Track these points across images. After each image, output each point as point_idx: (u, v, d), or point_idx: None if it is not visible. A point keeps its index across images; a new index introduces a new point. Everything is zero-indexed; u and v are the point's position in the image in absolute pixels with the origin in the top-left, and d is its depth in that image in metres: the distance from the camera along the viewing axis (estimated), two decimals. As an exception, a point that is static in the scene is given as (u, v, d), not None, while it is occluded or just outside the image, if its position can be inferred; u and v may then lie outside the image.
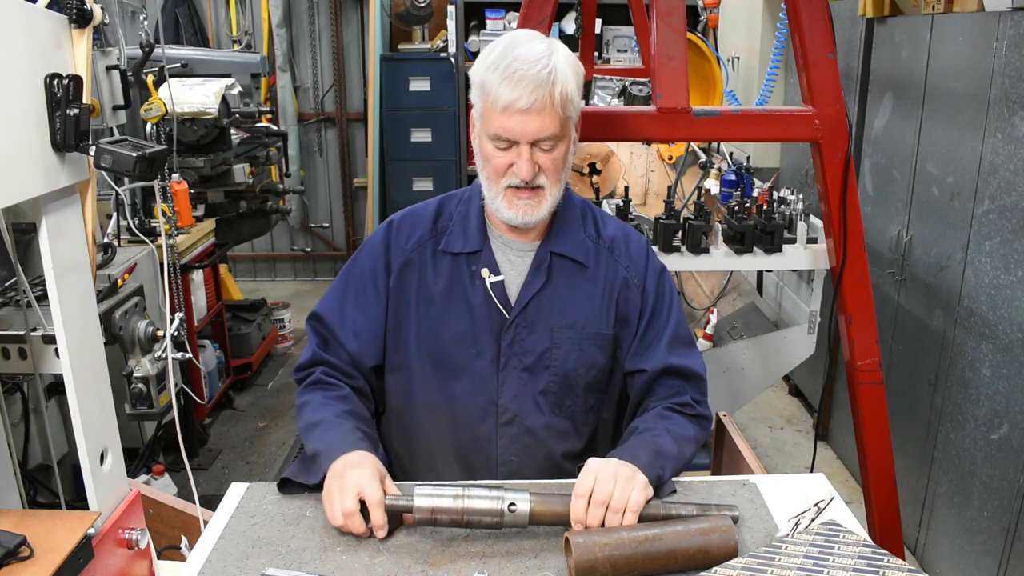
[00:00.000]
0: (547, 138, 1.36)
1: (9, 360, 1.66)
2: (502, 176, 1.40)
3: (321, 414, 1.42)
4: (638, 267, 1.53)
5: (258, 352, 4.41)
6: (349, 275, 1.55)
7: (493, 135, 1.37)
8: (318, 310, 1.55)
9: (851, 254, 2.05)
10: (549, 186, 1.40)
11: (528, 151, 1.36)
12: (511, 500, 1.21)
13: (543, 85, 1.32)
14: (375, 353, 1.53)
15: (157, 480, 2.94)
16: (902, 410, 2.94)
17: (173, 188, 2.94)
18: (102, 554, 1.39)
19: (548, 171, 1.39)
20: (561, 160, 1.40)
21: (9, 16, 1.17)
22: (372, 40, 5.48)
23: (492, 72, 1.34)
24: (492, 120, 1.36)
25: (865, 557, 1.13)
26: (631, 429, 1.45)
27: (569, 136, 1.41)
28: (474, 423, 1.49)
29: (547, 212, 1.43)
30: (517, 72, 1.32)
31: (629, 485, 1.23)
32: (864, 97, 3.29)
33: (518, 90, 1.31)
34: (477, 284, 1.47)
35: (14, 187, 1.20)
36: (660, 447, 1.36)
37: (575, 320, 1.48)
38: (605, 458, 1.29)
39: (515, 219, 1.42)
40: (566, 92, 1.34)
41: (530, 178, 1.37)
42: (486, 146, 1.40)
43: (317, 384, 1.49)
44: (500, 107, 1.33)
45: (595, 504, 1.21)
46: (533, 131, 1.34)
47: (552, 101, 1.33)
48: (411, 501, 1.21)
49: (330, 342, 1.53)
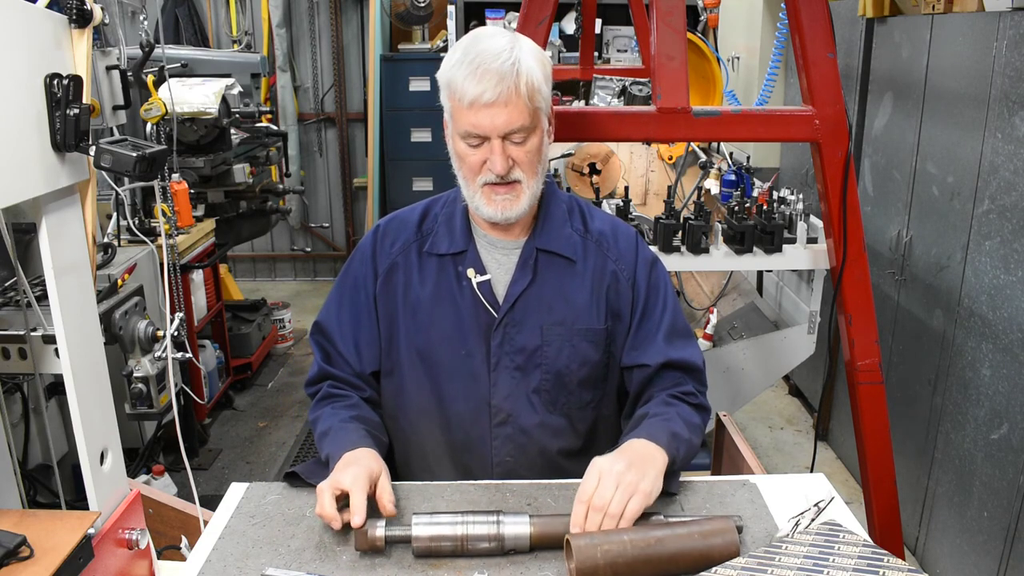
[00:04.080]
0: (517, 130, 1.35)
1: (9, 360, 1.65)
2: (477, 174, 1.39)
3: (329, 423, 1.43)
4: (627, 260, 1.52)
5: (258, 352, 4.41)
6: (343, 285, 1.56)
7: (463, 133, 1.37)
8: (320, 322, 1.56)
9: (851, 254, 2.05)
10: (526, 179, 1.40)
11: (500, 145, 1.35)
12: (511, 536, 1.20)
13: (507, 77, 1.31)
14: (374, 360, 1.54)
15: (157, 480, 2.94)
16: (902, 410, 2.94)
17: (173, 188, 2.94)
18: (102, 554, 1.39)
19: (523, 164, 1.39)
20: (535, 152, 1.39)
21: (9, 16, 1.17)
22: (372, 40, 5.48)
23: (456, 69, 1.34)
24: (461, 118, 1.36)
25: (865, 557, 1.13)
26: (640, 415, 1.45)
27: (541, 128, 1.40)
28: (467, 424, 1.49)
29: (527, 206, 1.42)
30: (480, 67, 1.31)
31: (627, 492, 1.22)
32: (864, 97, 3.29)
33: (483, 84, 1.31)
34: (464, 285, 1.47)
35: (14, 187, 1.20)
36: (674, 430, 1.37)
37: (564, 316, 1.47)
38: (615, 453, 1.28)
39: (495, 215, 1.41)
40: (532, 83, 1.34)
41: (504, 172, 1.37)
42: (459, 145, 1.40)
43: (326, 398, 1.51)
44: (467, 103, 1.33)
45: (593, 510, 1.21)
46: (502, 124, 1.34)
47: (518, 92, 1.32)
48: (409, 531, 1.20)
49: (332, 355, 1.54)
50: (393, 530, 1.20)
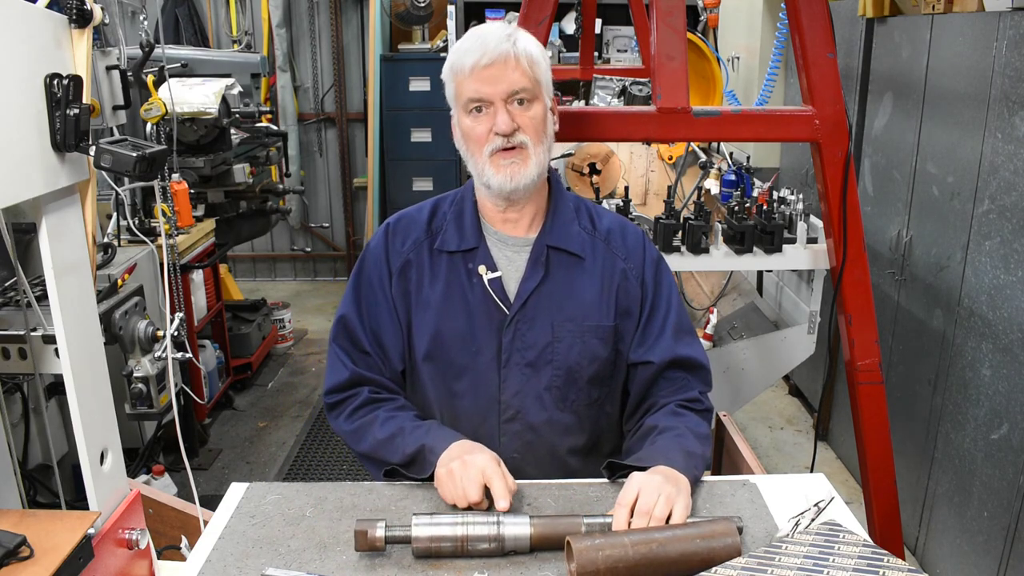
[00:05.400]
0: (519, 91, 1.38)
1: (9, 360, 1.65)
2: (484, 143, 1.41)
3: (399, 423, 1.44)
4: (635, 258, 1.53)
5: (258, 352, 4.41)
6: (359, 287, 1.55)
7: (467, 102, 1.40)
8: (343, 326, 1.54)
9: (851, 254, 2.05)
10: (532, 144, 1.41)
11: (503, 106, 1.38)
12: (511, 537, 1.20)
13: (504, 44, 1.37)
14: (400, 359, 1.54)
15: (157, 480, 2.94)
16: (902, 410, 2.94)
17: (173, 188, 2.94)
18: (102, 554, 1.39)
19: (527, 128, 1.40)
20: (540, 120, 1.41)
21: (9, 16, 1.17)
22: (372, 40, 5.48)
23: (457, 53, 1.40)
24: (464, 88, 1.39)
25: (865, 557, 1.13)
26: (648, 428, 1.45)
27: (543, 101, 1.42)
28: (476, 421, 1.50)
29: (535, 173, 1.42)
30: (479, 41, 1.38)
31: (669, 501, 1.23)
32: (864, 97, 3.29)
33: (482, 51, 1.36)
34: (475, 282, 1.48)
35: (14, 187, 1.19)
36: (688, 448, 1.38)
37: (575, 313, 1.48)
38: (648, 471, 1.29)
39: (504, 183, 1.41)
40: (530, 55, 1.39)
41: (509, 130, 1.38)
42: (464, 122, 1.42)
43: (371, 403, 1.49)
44: (468, 71, 1.37)
45: (638, 514, 1.21)
46: (504, 86, 1.37)
47: (517, 57, 1.37)
48: (409, 532, 1.20)
49: (360, 359, 1.52)
50: (393, 530, 1.20)
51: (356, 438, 1.48)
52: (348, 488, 1.40)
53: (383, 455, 1.43)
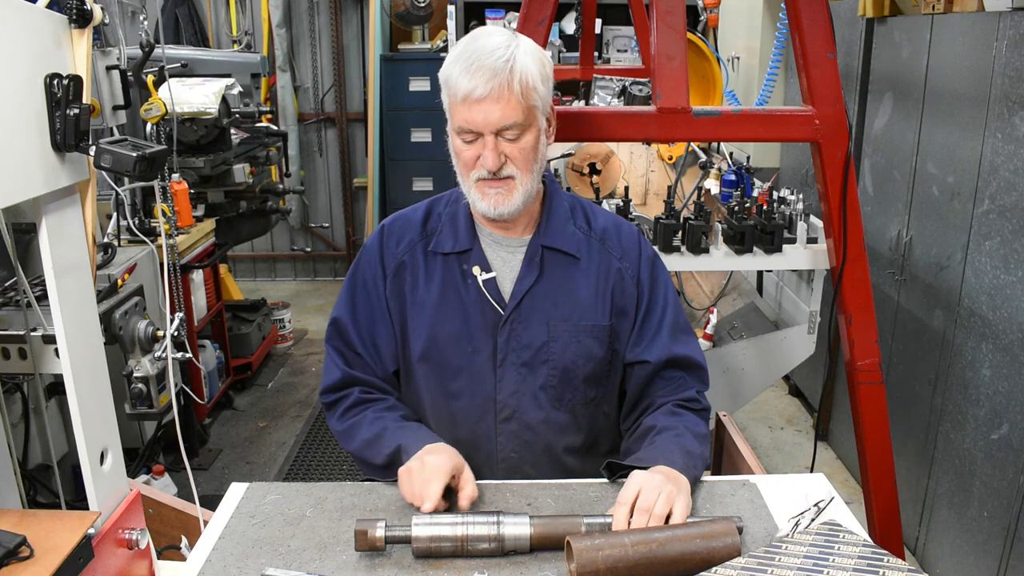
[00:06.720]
0: (510, 127, 1.35)
1: (9, 360, 1.66)
2: (471, 169, 1.40)
3: (383, 424, 1.45)
4: (631, 258, 1.53)
5: (258, 352, 4.41)
6: (353, 287, 1.55)
7: (458, 128, 1.38)
8: (337, 327, 1.55)
9: (851, 254, 2.05)
10: (519, 176, 1.40)
11: (492, 141, 1.36)
12: (511, 536, 1.20)
13: (500, 73, 1.32)
14: (393, 359, 1.55)
15: (157, 480, 2.94)
16: (902, 410, 2.94)
17: (173, 188, 2.94)
18: (102, 554, 1.39)
19: (516, 160, 1.39)
20: (530, 150, 1.40)
21: (9, 16, 1.17)
22: (372, 40, 5.48)
23: (453, 66, 1.36)
24: (456, 113, 1.37)
25: (865, 557, 1.13)
26: (647, 427, 1.46)
27: (537, 126, 1.40)
28: (472, 421, 1.50)
29: (520, 202, 1.42)
30: (475, 63, 1.33)
31: (669, 499, 1.23)
32: (864, 97, 3.29)
33: (475, 79, 1.32)
34: (469, 283, 1.48)
35: (14, 187, 1.19)
36: (687, 447, 1.38)
37: (570, 313, 1.48)
38: (648, 471, 1.29)
39: (488, 210, 1.41)
40: (526, 80, 1.34)
41: (495, 168, 1.37)
42: (455, 141, 1.41)
43: (361, 403, 1.51)
44: (460, 98, 1.34)
45: (639, 512, 1.21)
46: (495, 120, 1.34)
47: (511, 89, 1.33)
48: (409, 532, 1.20)
49: (353, 359, 1.54)
50: (393, 530, 1.20)
51: (347, 438, 1.50)
52: (348, 488, 1.40)
53: (367, 455, 1.44)
